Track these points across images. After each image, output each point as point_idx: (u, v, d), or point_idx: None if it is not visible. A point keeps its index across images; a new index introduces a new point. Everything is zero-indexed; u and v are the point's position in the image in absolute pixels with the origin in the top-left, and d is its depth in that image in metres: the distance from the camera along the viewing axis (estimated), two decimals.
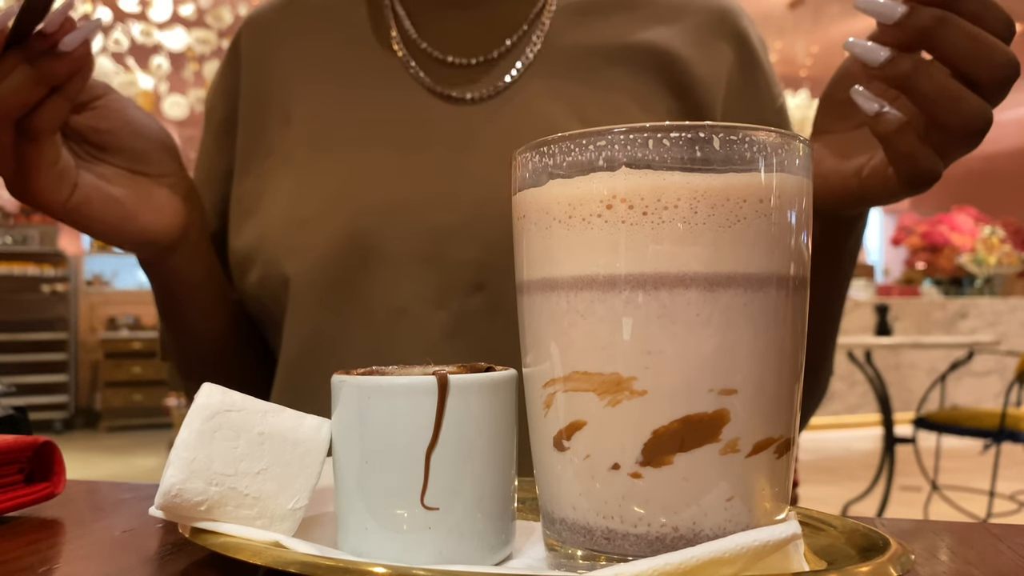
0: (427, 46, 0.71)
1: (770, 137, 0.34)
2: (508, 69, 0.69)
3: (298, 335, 0.67)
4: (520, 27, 0.71)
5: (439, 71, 0.70)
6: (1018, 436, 3.10)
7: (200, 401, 0.37)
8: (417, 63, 0.70)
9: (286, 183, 0.68)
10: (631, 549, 0.33)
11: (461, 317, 0.63)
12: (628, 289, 0.33)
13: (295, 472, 0.38)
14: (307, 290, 0.65)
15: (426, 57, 0.71)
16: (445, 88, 0.69)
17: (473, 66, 0.70)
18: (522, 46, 0.70)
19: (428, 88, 0.69)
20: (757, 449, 0.33)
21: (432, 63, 0.70)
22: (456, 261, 0.63)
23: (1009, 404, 3.19)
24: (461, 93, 0.69)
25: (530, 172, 0.36)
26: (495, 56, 0.70)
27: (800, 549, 0.33)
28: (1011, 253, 6.56)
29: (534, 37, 0.70)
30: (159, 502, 0.36)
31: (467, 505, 0.36)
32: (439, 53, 0.70)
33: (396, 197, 0.65)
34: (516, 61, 0.70)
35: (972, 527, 0.46)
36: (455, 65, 0.70)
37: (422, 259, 0.64)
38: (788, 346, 0.35)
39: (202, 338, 0.73)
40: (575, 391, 0.34)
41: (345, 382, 0.37)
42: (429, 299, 0.64)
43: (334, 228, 0.65)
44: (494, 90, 0.69)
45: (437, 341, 0.63)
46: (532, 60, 0.70)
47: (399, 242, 0.64)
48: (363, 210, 0.65)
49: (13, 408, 0.59)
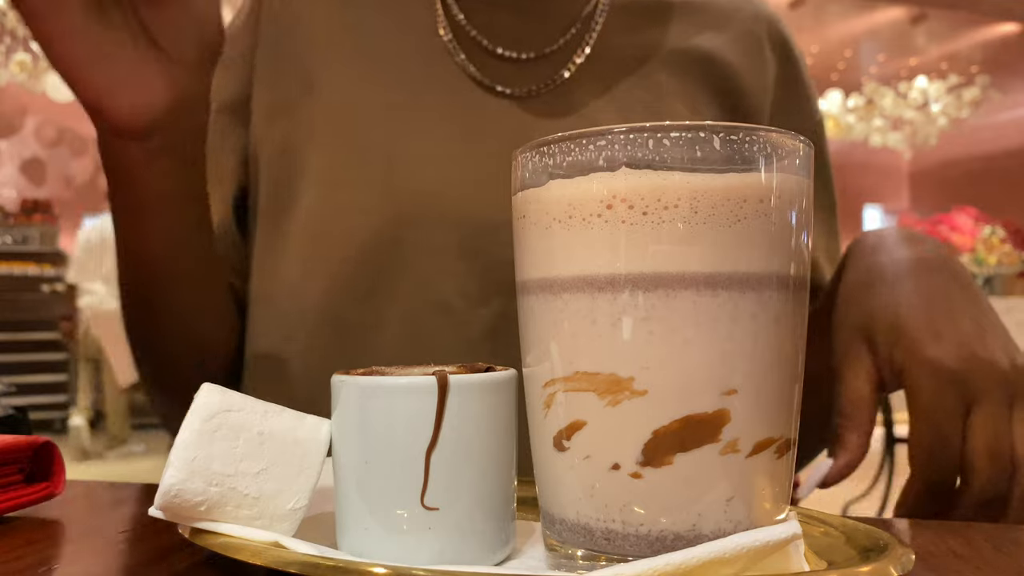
0: (476, 34, 0.68)
1: (770, 137, 0.34)
2: (559, 67, 0.68)
3: (322, 325, 0.64)
4: (572, 25, 0.69)
5: (487, 62, 0.68)
6: None
7: (200, 401, 0.37)
8: (464, 51, 0.68)
9: (318, 162, 0.65)
10: (631, 549, 0.33)
11: (503, 316, 0.61)
12: (628, 289, 0.33)
13: (295, 472, 0.38)
14: (340, 282, 0.63)
15: (474, 45, 0.68)
16: (493, 80, 0.67)
17: (523, 60, 0.68)
18: (573, 44, 0.69)
19: (474, 78, 0.67)
20: (757, 449, 0.33)
21: (480, 52, 0.68)
22: (500, 259, 0.60)
23: None
24: (509, 87, 0.67)
25: (530, 172, 0.36)
26: (546, 53, 0.68)
27: (800, 549, 0.33)
28: (1011, 253, 6.56)
29: (586, 36, 0.69)
30: (159, 502, 0.36)
31: (467, 505, 0.36)
32: (488, 43, 0.68)
33: (440, 188, 0.63)
34: (567, 59, 0.68)
35: (972, 527, 0.46)
36: (504, 58, 0.68)
37: (466, 253, 0.62)
38: (788, 346, 0.35)
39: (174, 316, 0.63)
40: (575, 391, 0.34)
41: (345, 382, 0.37)
42: (472, 296, 0.62)
43: (377, 218, 0.63)
44: (543, 87, 0.67)
45: (476, 340, 0.61)
46: (583, 60, 0.68)
47: (442, 234, 0.62)
48: (407, 198, 0.63)
49: (13, 408, 0.59)
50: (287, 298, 0.66)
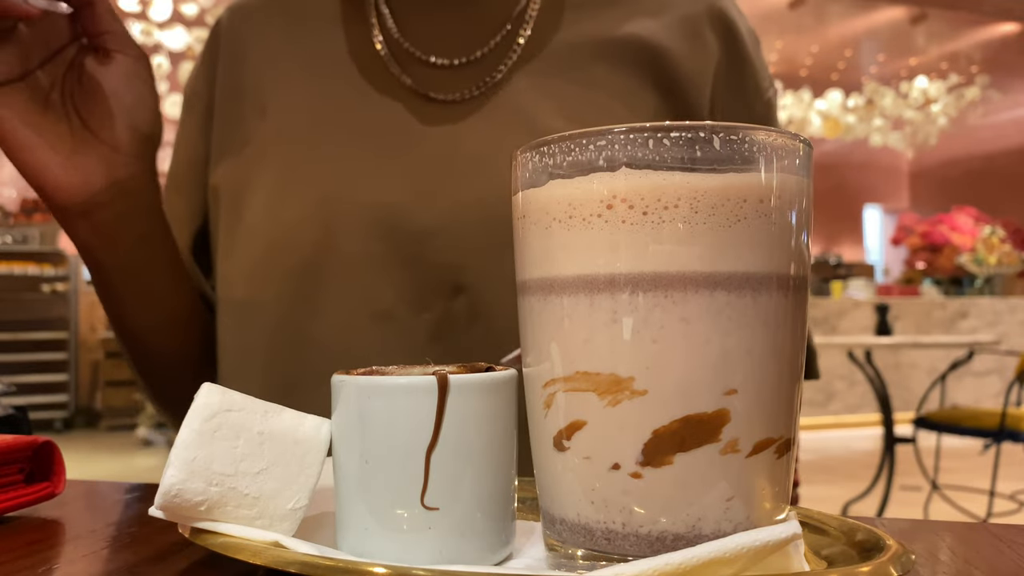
0: (409, 45, 0.69)
1: (770, 137, 0.34)
2: (492, 69, 0.68)
3: (277, 336, 0.66)
4: (504, 25, 0.69)
5: (422, 72, 0.69)
6: (1018, 436, 3.10)
7: (200, 401, 0.37)
8: (399, 63, 0.69)
9: (266, 179, 0.67)
10: (631, 549, 0.33)
11: (444, 320, 0.63)
12: (628, 289, 0.33)
13: (295, 472, 0.38)
14: (287, 294, 0.65)
15: (408, 57, 0.69)
16: (427, 89, 0.68)
17: (456, 66, 0.69)
18: (506, 45, 0.69)
19: (410, 89, 0.68)
20: (757, 449, 0.33)
21: (414, 63, 0.69)
22: (436, 263, 0.63)
23: (1009, 404, 3.19)
24: (444, 94, 0.67)
25: (530, 172, 0.36)
26: (479, 56, 0.69)
27: (800, 549, 0.33)
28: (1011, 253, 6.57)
29: (518, 35, 0.69)
30: (159, 502, 0.36)
31: (467, 505, 0.36)
32: (421, 53, 0.69)
33: (377, 199, 0.64)
34: (500, 61, 0.68)
35: (972, 527, 0.46)
36: (438, 66, 0.69)
37: (404, 261, 0.63)
38: (788, 346, 0.35)
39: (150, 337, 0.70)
40: (575, 391, 0.34)
41: (345, 382, 0.37)
42: (412, 302, 0.63)
43: (316, 230, 0.64)
44: (477, 90, 0.67)
45: (422, 345, 0.63)
46: (516, 59, 0.68)
47: (379, 243, 0.63)
48: (343, 209, 0.64)
49: (13, 408, 0.59)
50: (241, 308, 0.68)
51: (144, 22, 4.91)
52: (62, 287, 6.69)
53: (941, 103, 7.19)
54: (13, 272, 6.48)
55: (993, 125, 8.87)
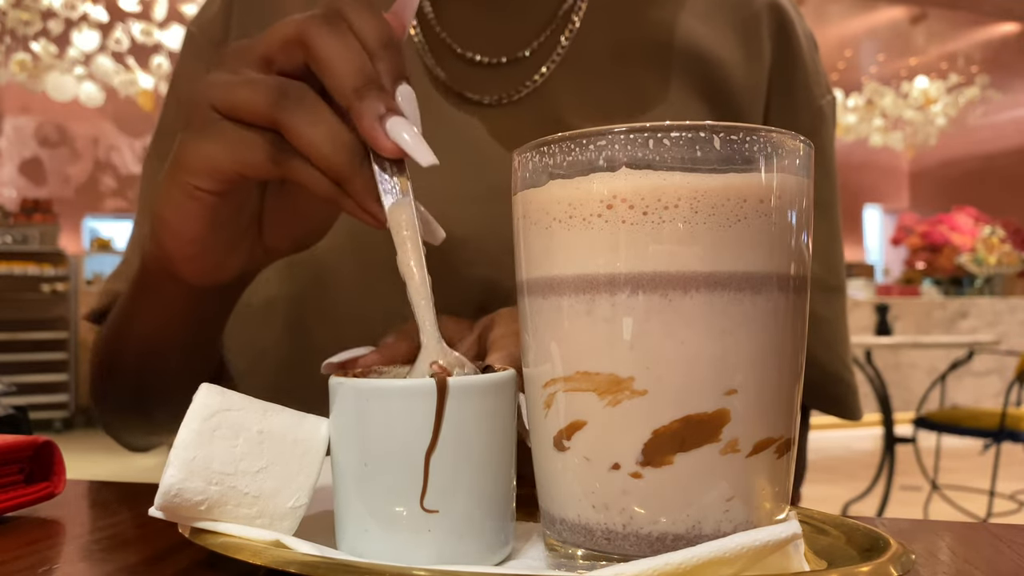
0: (447, 36, 0.65)
1: (771, 137, 0.34)
2: (533, 71, 0.64)
3: (291, 339, 0.63)
4: (549, 25, 0.65)
5: (457, 67, 0.64)
6: (1018, 436, 3.10)
7: (199, 400, 0.37)
8: (434, 54, 0.64)
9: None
10: (631, 549, 0.33)
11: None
12: (628, 289, 0.33)
13: (295, 470, 0.38)
14: (303, 297, 0.63)
15: (445, 49, 0.64)
16: (462, 88, 0.63)
17: (496, 65, 0.64)
18: (549, 46, 0.65)
19: (443, 84, 0.63)
20: (757, 449, 0.33)
21: (450, 57, 0.64)
22: (463, 277, 0.59)
23: (1009, 404, 3.19)
24: (479, 95, 0.63)
25: (530, 172, 0.36)
26: (519, 56, 0.64)
27: (800, 549, 0.33)
28: (1011, 253, 6.57)
29: (562, 36, 0.64)
30: (159, 502, 0.36)
31: (467, 507, 0.36)
32: (459, 47, 0.64)
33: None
34: (542, 62, 0.64)
35: (972, 527, 0.46)
36: (476, 63, 0.64)
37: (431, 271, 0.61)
38: (788, 346, 0.34)
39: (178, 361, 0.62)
40: (575, 391, 0.34)
41: (343, 384, 0.37)
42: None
43: (338, 235, 0.60)
44: (516, 94, 0.63)
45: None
46: (559, 62, 0.64)
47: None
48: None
49: (13, 408, 0.59)
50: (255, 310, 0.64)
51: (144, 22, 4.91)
52: (62, 287, 6.69)
53: (941, 103, 7.19)
54: (13, 272, 6.48)
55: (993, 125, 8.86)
